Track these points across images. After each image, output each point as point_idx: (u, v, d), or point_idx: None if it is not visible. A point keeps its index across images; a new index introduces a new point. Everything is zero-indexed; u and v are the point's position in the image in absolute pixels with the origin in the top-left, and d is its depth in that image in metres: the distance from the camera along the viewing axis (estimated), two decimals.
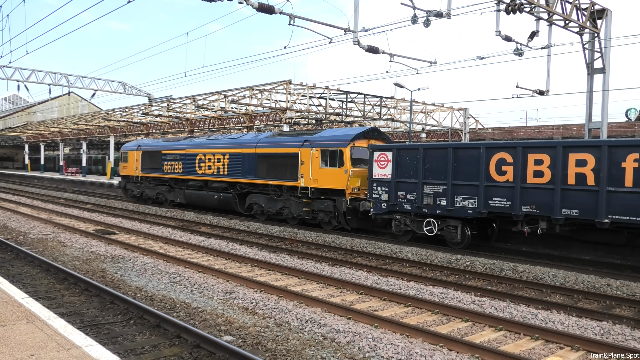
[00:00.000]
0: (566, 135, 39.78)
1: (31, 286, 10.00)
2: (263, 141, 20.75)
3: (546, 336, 7.41)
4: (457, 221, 14.30)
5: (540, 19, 16.05)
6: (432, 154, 14.58)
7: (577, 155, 11.92)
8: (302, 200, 18.79)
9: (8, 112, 78.80)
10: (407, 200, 15.16)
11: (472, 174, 13.60)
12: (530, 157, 12.65)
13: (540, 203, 12.40)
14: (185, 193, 24.95)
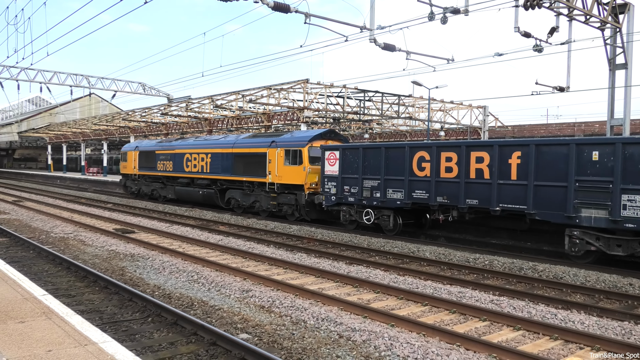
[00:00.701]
0: (588, 132, 39.13)
1: (52, 284, 10.17)
2: (239, 142, 23.18)
3: (566, 336, 7.28)
4: (389, 211, 16.38)
5: (560, 14, 15.79)
6: (370, 153, 16.71)
7: (476, 154, 13.87)
8: (270, 194, 21.14)
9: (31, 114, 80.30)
10: (350, 194, 17.30)
11: (399, 170, 15.72)
12: (442, 155, 14.65)
13: (450, 194, 14.46)
14: (175, 189, 27.49)
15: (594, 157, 11.81)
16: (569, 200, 12.11)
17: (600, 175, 11.69)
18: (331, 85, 28.77)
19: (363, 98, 30.63)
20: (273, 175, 20.73)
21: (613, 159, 11.47)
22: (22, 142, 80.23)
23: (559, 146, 12.54)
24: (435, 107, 36.35)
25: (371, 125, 43.64)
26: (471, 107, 37.14)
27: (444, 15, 12.67)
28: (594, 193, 11.79)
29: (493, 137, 38.64)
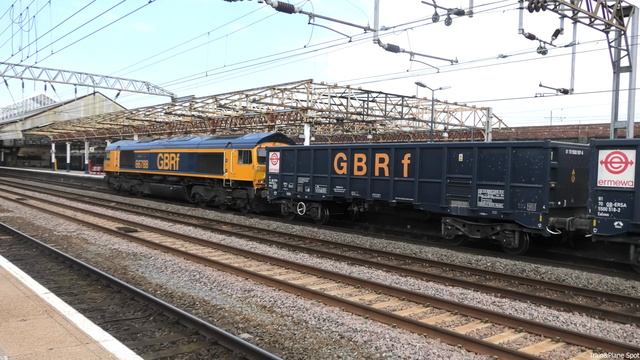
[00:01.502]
0: (592, 134, 39.02)
1: (54, 282, 10.20)
2: (202, 143, 25.85)
3: (567, 338, 7.28)
4: (317, 204, 19.03)
5: (565, 16, 15.76)
6: (303, 154, 19.32)
7: (379, 155, 16.43)
8: (226, 190, 23.75)
9: (35, 112, 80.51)
10: (288, 189, 19.86)
11: (324, 169, 18.29)
12: (355, 156, 17.23)
13: (361, 189, 17.07)
14: (150, 185, 30.21)
15: (459, 158, 14.31)
16: (442, 193, 14.70)
17: (464, 173, 14.22)
18: (335, 85, 28.77)
19: (367, 99, 30.62)
20: (229, 172, 23.42)
21: (472, 160, 13.96)
22: (26, 140, 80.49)
23: (436, 149, 15.02)
24: (439, 108, 36.31)
25: (375, 126, 43.61)
26: (475, 109, 37.09)
27: (448, 16, 12.66)
28: (459, 188, 14.32)
29: (497, 139, 38.58)
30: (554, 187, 12.78)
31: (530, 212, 12.89)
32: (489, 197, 13.67)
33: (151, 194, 30.36)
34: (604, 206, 11.66)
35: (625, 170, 11.29)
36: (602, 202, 11.68)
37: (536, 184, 12.79)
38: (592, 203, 11.80)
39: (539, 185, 12.73)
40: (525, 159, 13.09)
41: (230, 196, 23.55)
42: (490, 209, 13.62)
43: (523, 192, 13.04)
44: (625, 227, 11.24)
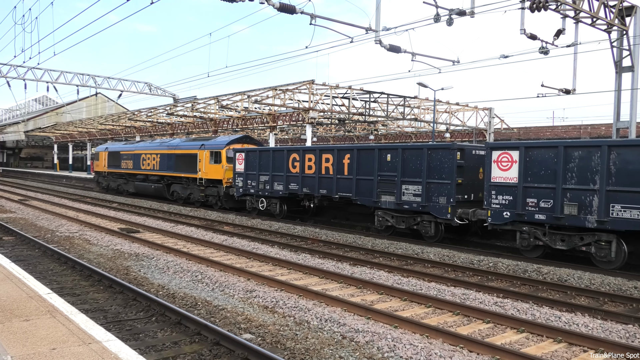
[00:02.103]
0: (594, 134, 38.97)
1: (57, 282, 10.22)
2: (180, 145, 27.86)
3: (569, 339, 7.27)
4: (276, 199, 21.02)
5: (567, 16, 15.74)
6: (264, 155, 21.35)
7: (325, 155, 18.40)
8: (200, 187, 25.80)
9: (38, 113, 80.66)
10: (252, 186, 21.89)
11: (281, 168, 20.28)
12: (306, 156, 19.11)
13: (311, 186, 19.00)
14: (134, 184, 32.20)
15: (387, 158, 16.30)
16: (374, 189, 16.69)
17: (391, 171, 16.19)
18: (337, 86, 28.78)
19: (368, 99, 30.61)
20: (202, 172, 25.47)
21: (397, 160, 15.97)
22: (28, 141, 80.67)
23: (369, 150, 17.06)
24: (441, 109, 36.30)
25: (376, 126, 43.60)
26: (477, 109, 37.07)
27: (450, 16, 12.65)
28: (387, 184, 16.29)
29: (499, 139, 38.56)
30: (461, 183, 14.76)
31: (441, 205, 14.92)
32: (411, 192, 15.74)
33: (135, 192, 32.27)
34: (495, 199, 13.61)
35: (511, 168, 13.29)
36: (495, 196, 13.62)
37: (446, 180, 14.77)
38: (487, 196, 13.75)
39: (448, 181, 14.71)
40: (438, 159, 15.07)
41: (203, 193, 25.76)
42: (411, 202, 15.68)
43: (436, 188, 15.06)
44: (511, 217, 13.28)
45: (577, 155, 12.26)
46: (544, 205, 12.66)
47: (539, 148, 12.94)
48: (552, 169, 12.54)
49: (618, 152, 11.64)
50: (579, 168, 12.17)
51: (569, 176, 12.32)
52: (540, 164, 12.78)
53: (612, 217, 11.65)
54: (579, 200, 12.12)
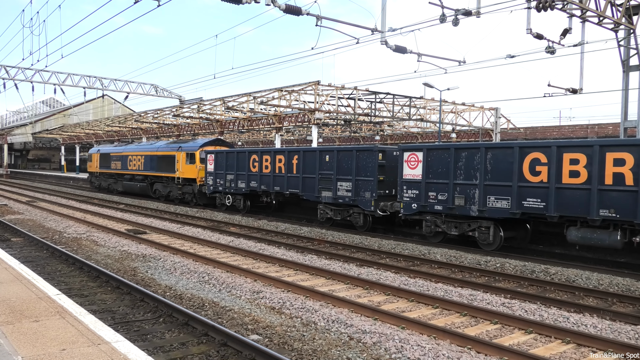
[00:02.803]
0: (601, 134, 38.77)
1: (65, 284, 10.27)
2: (161, 147, 30.37)
3: (578, 340, 7.24)
4: (240, 196, 23.63)
5: (573, 15, 15.67)
6: (229, 156, 23.90)
7: (279, 156, 21.01)
8: (178, 186, 28.41)
9: (45, 115, 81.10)
10: (220, 184, 24.36)
11: (244, 167, 22.82)
12: (264, 157, 21.83)
13: (267, 183, 21.62)
14: (122, 184, 34.82)
15: (327, 159, 18.79)
16: (316, 186, 19.04)
17: (329, 170, 18.61)
18: (342, 87, 28.78)
19: (374, 100, 30.60)
20: (179, 172, 28.04)
21: (333, 160, 18.37)
22: (35, 143, 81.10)
23: (312, 152, 19.44)
24: (447, 109, 36.22)
25: (382, 127, 43.55)
26: (483, 109, 36.96)
27: (456, 17, 12.62)
28: (326, 181, 18.70)
29: (505, 139, 38.43)
30: (383, 179, 17.03)
31: (367, 199, 17.26)
32: (344, 188, 18.07)
33: (123, 190, 34.93)
34: (406, 193, 15.94)
35: (418, 167, 15.57)
36: (405, 190, 15.94)
37: (370, 177, 17.10)
38: (400, 191, 16.11)
39: (372, 178, 17.05)
40: (364, 159, 17.34)
41: (181, 191, 28.39)
42: (344, 197, 18.02)
43: (363, 184, 17.35)
44: (418, 208, 15.61)
45: (463, 156, 14.41)
46: (441, 198, 15.02)
47: (437, 149, 15.26)
48: (446, 167, 14.77)
49: (492, 152, 13.78)
50: (465, 166, 14.37)
51: (458, 173, 14.54)
52: (438, 163, 15.05)
53: (489, 207, 13.86)
54: (465, 193, 14.35)
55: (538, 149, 13.00)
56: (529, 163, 13.11)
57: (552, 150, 12.63)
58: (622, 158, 11.53)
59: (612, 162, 11.67)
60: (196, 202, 27.28)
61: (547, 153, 12.74)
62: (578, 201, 12.16)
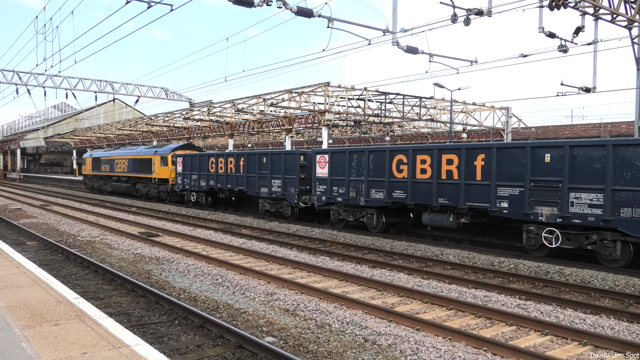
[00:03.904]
0: (614, 133, 38.44)
1: (81, 287, 10.36)
2: (141, 152, 34.48)
3: (595, 341, 7.18)
4: (203, 193, 27.30)
5: (586, 13, 15.55)
6: (194, 159, 27.66)
7: (230, 158, 24.93)
8: (154, 185, 32.42)
9: (57, 119, 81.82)
10: (187, 183, 28.25)
11: (205, 169, 26.60)
12: (219, 159, 25.66)
13: (222, 181, 25.28)
14: (111, 184, 38.60)
15: (264, 160, 22.55)
16: (257, 183, 22.94)
17: (265, 170, 22.40)
18: (352, 88, 28.76)
19: (384, 100, 30.54)
20: (155, 173, 31.92)
21: (268, 162, 22.17)
22: (48, 147, 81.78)
23: (253, 155, 23.42)
24: (457, 109, 36.06)
25: (392, 127, 43.47)
26: (494, 109, 36.77)
27: (467, 16, 12.59)
28: (264, 179, 22.51)
29: (517, 139, 38.21)
30: (304, 177, 20.56)
31: (292, 193, 20.91)
32: (276, 185, 21.69)
33: (112, 190, 38.56)
34: (318, 188, 19.47)
35: (325, 167, 19.15)
36: (318, 186, 19.48)
37: (294, 175, 20.79)
38: (314, 186, 19.68)
39: (295, 176, 20.72)
40: (290, 161, 21.11)
41: (157, 190, 32.24)
42: (277, 192, 21.62)
43: (289, 181, 21.04)
44: (326, 200, 19.15)
45: (355, 158, 18.03)
46: (341, 191, 18.46)
47: (338, 153, 18.85)
48: (343, 166, 18.36)
49: (373, 155, 17.36)
50: (356, 166, 17.94)
51: (352, 171, 18.07)
52: (339, 164, 18.58)
53: (371, 197, 17.45)
54: (356, 187, 17.85)
55: (401, 152, 16.56)
56: (395, 163, 16.62)
57: (410, 152, 16.18)
58: (451, 158, 15.03)
59: (445, 161, 15.15)
60: (169, 199, 31.05)
61: (406, 155, 16.29)
62: (426, 192, 15.71)
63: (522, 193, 13.30)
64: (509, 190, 13.62)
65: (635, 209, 11.46)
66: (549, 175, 12.80)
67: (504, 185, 13.69)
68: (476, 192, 14.34)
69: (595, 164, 11.99)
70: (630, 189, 11.51)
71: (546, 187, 12.86)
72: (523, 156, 13.30)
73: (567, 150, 12.45)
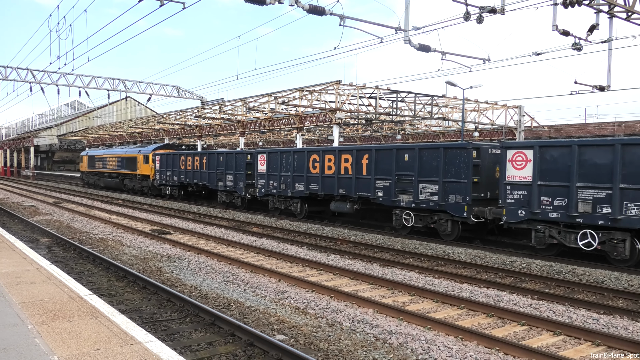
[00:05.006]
0: (628, 132, 38.02)
1: (93, 283, 10.45)
2: (128, 151, 38.58)
3: (608, 342, 7.11)
4: (176, 187, 31.18)
5: (601, 11, 15.35)
6: (169, 157, 31.40)
7: (196, 157, 28.68)
8: (139, 181, 36.47)
9: (70, 117, 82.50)
10: (163, 179, 32.17)
11: (177, 165, 30.42)
12: (188, 158, 29.44)
13: (190, 177, 29.22)
14: (103, 180, 43.16)
15: (220, 159, 26.30)
16: (214, 178, 26.71)
17: (222, 167, 26.16)
18: (363, 86, 28.69)
19: (395, 99, 30.43)
20: (139, 169, 36.12)
21: (224, 160, 26.07)
22: (61, 145, 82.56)
23: (212, 154, 27.24)
24: (469, 108, 35.85)
25: (404, 126, 43.32)
26: (506, 107, 36.50)
27: (480, 14, 12.48)
28: (221, 175, 26.22)
29: (529, 138, 37.93)
30: (250, 173, 24.39)
31: (240, 186, 24.91)
32: (230, 180, 25.70)
33: (104, 185, 43.05)
34: (259, 182, 23.46)
35: (264, 164, 23.17)
36: (259, 180, 23.44)
37: (242, 172, 24.75)
38: (256, 181, 23.72)
39: (243, 172, 24.65)
40: (239, 159, 25.04)
41: (140, 185, 36.17)
42: (230, 186, 25.68)
43: (239, 177, 25.03)
44: (265, 192, 23.03)
45: (285, 156, 21.86)
46: (275, 185, 22.34)
47: (272, 153, 22.79)
48: (277, 164, 22.14)
49: (297, 155, 21.23)
50: (286, 164, 21.70)
51: (282, 168, 21.85)
52: (274, 161, 22.35)
53: (296, 189, 21.18)
54: (286, 181, 21.68)
55: (315, 152, 20.36)
56: (311, 161, 20.31)
57: (320, 152, 20.03)
58: (347, 157, 18.84)
59: (344, 160, 18.97)
60: (151, 193, 34.95)
61: (318, 154, 20.07)
62: (331, 184, 19.47)
63: (391, 184, 17.18)
64: (383, 183, 17.50)
65: (457, 195, 15.22)
66: (407, 170, 16.66)
67: (380, 178, 17.60)
68: (363, 184, 18.21)
69: (433, 162, 15.86)
70: (454, 181, 15.32)
71: (405, 180, 16.72)
72: (391, 156, 17.13)
73: (416, 152, 16.36)
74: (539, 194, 13.16)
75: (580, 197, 12.39)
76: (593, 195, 12.20)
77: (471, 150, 15.00)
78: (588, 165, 12.33)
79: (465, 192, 14.99)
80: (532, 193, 13.25)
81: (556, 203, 12.86)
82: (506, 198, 13.88)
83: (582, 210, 12.32)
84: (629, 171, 11.66)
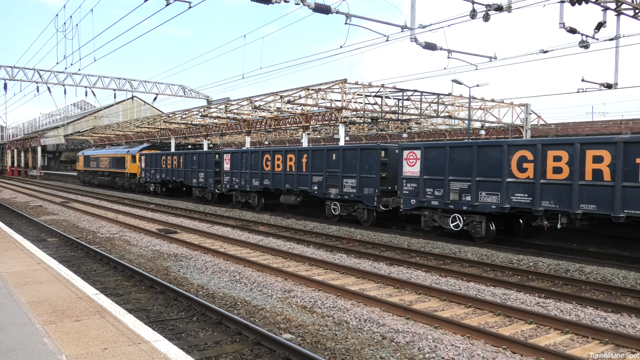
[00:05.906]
0: (636, 129, 37.76)
1: (100, 283, 10.50)
2: (118, 151, 42.04)
3: (617, 340, 7.08)
4: (158, 184, 34.42)
5: (608, 9, 15.25)
6: (153, 157, 34.72)
7: (174, 157, 32.10)
8: (127, 179, 39.87)
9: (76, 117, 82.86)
10: (147, 177, 35.58)
11: (159, 165, 33.89)
12: (167, 158, 32.89)
13: (169, 175, 32.23)
14: (97, 178, 46.99)
15: (194, 158, 29.28)
16: (189, 175, 29.85)
17: (194, 165, 29.32)
18: (369, 84, 28.65)
19: (401, 97, 30.36)
20: (127, 168, 39.48)
21: (196, 159, 29.21)
22: (68, 145, 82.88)
23: (187, 155, 30.26)
24: (476, 106, 35.71)
25: (410, 124, 43.22)
26: (512, 105, 36.34)
27: (487, 12, 12.43)
28: (194, 172, 29.33)
29: (535, 136, 37.75)
30: (218, 171, 27.22)
31: (210, 183, 27.88)
32: (201, 176, 28.74)
33: (98, 183, 46.65)
34: (225, 178, 26.61)
35: (228, 163, 26.12)
36: (224, 177, 26.50)
37: (211, 170, 27.79)
38: (222, 177, 26.67)
39: (212, 170, 27.59)
40: (209, 158, 28.03)
41: (129, 182, 39.65)
42: (202, 182, 28.67)
43: (209, 174, 27.96)
44: (230, 187, 25.99)
45: (244, 156, 24.93)
46: (237, 181, 25.43)
47: (235, 153, 25.78)
48: (238, 163, 25.18)
49: (254, 155, 24.20)
50: (245, 162, 24.81)
51: (243, 166, 24.90)
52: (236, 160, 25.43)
53: (252, 185, 24.37)
54: (245, 178, 24.82)
55: (267, 152, 23.41)
56: (264, 160, 23.36)
57: (271, 152, 23.12)
58: (291, 157, 21.69)
59: (288, 159, 21.97)
60: (138, 189, 37.88)
61: (269, 154, 23.11)
62: (280, 180, 22.49)
63: (323, 180, 20.12)
64: (317, 178, 20.43)
65: (369, 188, 18.07)
66: (335, 168, 19.61)
67: (315, 174, 20.55)
68: (303, 180, 21.16)
69: (353, 161, 18.77)
70: (367, 176, 18.18)
71: (334, 175, 19.64)
72: (323, 155, 20.15)
73: (341, 152, 19.42)
74: (425, 186, 16.03)
75: (451, 188, 15.19)
76: (459, 187, 15.01)
77: (380, 150, 17.91)
78: (456, 163, 15.11)
79: (375, 185, 17.86)
80: (420, 185, 16.16)
81: (436, 193, 15.75)
82: (403, 190, 16.80)
83: (453, 199, 15.16)
84: (482, 167, 14.38)
